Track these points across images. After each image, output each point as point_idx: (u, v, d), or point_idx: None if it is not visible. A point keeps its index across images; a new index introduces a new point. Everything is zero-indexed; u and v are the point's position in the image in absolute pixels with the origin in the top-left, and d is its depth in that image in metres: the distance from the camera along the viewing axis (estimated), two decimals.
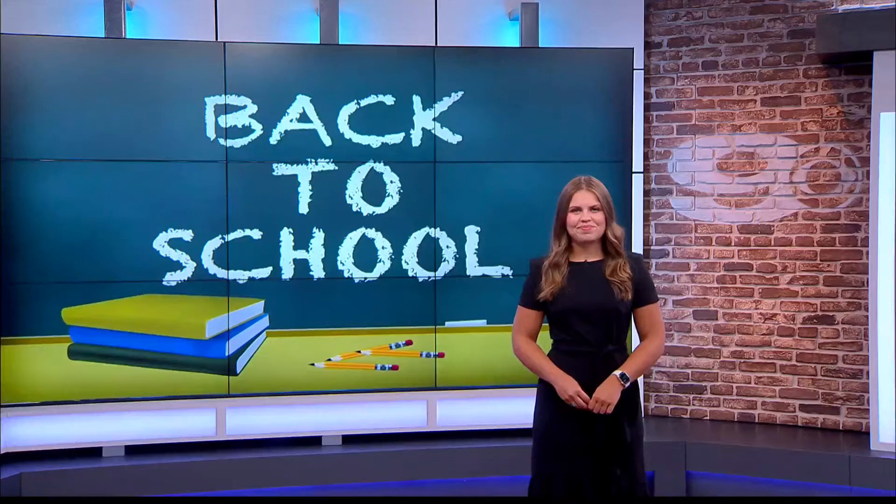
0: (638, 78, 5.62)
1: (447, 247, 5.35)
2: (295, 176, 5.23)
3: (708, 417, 5.79)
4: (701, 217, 5.79)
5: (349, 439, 5.30)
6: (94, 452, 5.06)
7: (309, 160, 5.23)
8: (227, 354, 5.19)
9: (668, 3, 5.82)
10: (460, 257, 5.37)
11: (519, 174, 5.33)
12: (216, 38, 5.27)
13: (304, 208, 5.23)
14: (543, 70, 5.36)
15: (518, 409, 5.17)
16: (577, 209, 3.36)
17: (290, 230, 5.22)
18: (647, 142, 5.82)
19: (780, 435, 5.45)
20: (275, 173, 5.19)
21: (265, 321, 5.23)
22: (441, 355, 5.34)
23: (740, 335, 5.71)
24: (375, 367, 5.31)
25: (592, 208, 3.35)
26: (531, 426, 3.48)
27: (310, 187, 5.24)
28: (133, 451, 5.09)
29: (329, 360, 5.28)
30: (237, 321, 5.22)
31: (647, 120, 5.81)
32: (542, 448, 3.40)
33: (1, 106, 4.88)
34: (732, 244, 5.72)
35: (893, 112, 5.05)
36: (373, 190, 5.28)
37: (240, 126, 5.16)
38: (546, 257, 3.43)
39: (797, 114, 5.58)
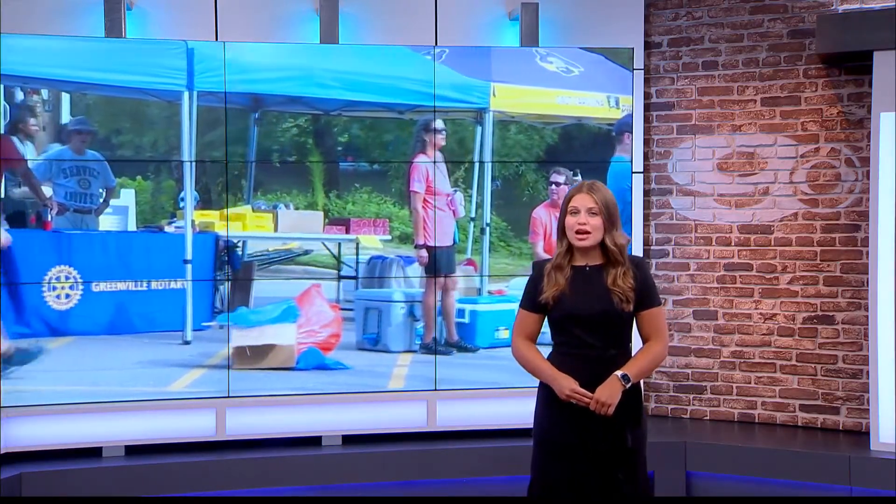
0: (638, 78, 5.62)
1: None
2: None
3: (708, 417, 5.79)
4: (701, 217, 5.78)
5: (349, 439, 5.29)
6: (94, 452, 5.05)
7: None
8: None
9: (668, 3, 5.81)
10: None
11: None
12: (216, 38, 5.27)
13: None
14: None
15: (518, 410, 5.15)
16: (575, 211, 3.35)
17: None
18: (647, 142, 5.82)
19: (780, 435, 5.44)
20: None
21: None
22: None
23: (740, 335, 5.71)
24: None
25: (590, 211, 3.32)
26: (531, 426, 3.48)
27: None
28: (133, 451, 5.09)
29: None
30: None
31: (647, 120, 5.81)
32: (542, 451, 3.39)
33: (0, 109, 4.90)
34: (732, 244, 5.71)
35: (893, 112, 5.04)
36: None
37: None
38: (549, 260, 3.43)
39: (797, 114, 5.57)
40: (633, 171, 5.54)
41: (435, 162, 5.39)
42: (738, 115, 5.69)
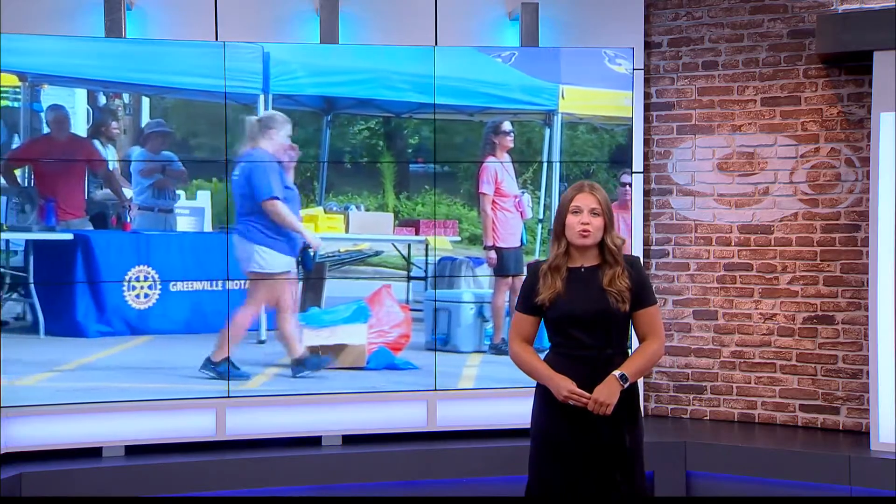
0: (638, 78, 5.62)
1: None
2: None
3: (708, 417, 5.78)
4: (701, 217, 5.78)
5: (349, 439, 5.29)
6: (94, 452, 5.05)
7: None
8: None
9: (668, 3, 5.81)
10: None
11: None
12: (216, 38, 5.27)
13: None
14: None
15: (517, 410, 5.14)
16: (578, 210, 3.35)
17: None
18: (647, 142, 5.81)
19: (780, 435, 5.44)
20: None
21: None
22: None
23: (740, 335, 5.71)
24: None
25: (592, 211, 3.34)
26: (530, 426, 3.48)
27: None
28: (133, 451, 5.09)
29: None
30: None
31: (646, 120, 5.81)
32: (540, 451, 3.39)
33: (1, 108, 4.91)
34: (732, 244, 5.71)
35: (893, 112, 5.04)
36: None
37: None
38: (544, 261, 3.43)
39: (797, 114, 5.57)
40: (633, 171, 5.55)
41: (503, 163, 5.44)
42: (738, 115, 5.69)
